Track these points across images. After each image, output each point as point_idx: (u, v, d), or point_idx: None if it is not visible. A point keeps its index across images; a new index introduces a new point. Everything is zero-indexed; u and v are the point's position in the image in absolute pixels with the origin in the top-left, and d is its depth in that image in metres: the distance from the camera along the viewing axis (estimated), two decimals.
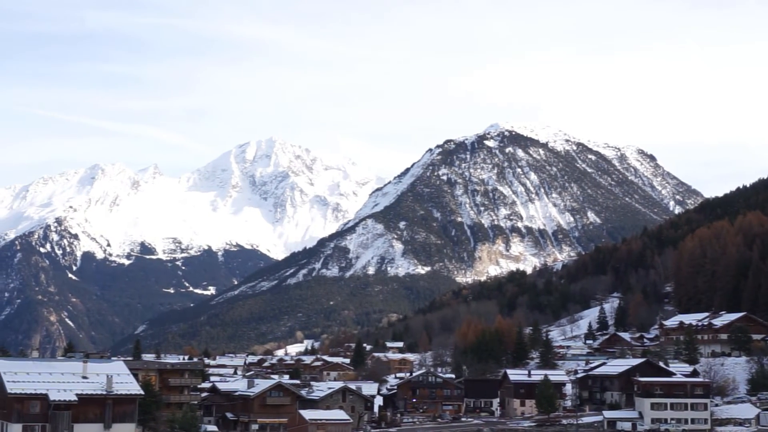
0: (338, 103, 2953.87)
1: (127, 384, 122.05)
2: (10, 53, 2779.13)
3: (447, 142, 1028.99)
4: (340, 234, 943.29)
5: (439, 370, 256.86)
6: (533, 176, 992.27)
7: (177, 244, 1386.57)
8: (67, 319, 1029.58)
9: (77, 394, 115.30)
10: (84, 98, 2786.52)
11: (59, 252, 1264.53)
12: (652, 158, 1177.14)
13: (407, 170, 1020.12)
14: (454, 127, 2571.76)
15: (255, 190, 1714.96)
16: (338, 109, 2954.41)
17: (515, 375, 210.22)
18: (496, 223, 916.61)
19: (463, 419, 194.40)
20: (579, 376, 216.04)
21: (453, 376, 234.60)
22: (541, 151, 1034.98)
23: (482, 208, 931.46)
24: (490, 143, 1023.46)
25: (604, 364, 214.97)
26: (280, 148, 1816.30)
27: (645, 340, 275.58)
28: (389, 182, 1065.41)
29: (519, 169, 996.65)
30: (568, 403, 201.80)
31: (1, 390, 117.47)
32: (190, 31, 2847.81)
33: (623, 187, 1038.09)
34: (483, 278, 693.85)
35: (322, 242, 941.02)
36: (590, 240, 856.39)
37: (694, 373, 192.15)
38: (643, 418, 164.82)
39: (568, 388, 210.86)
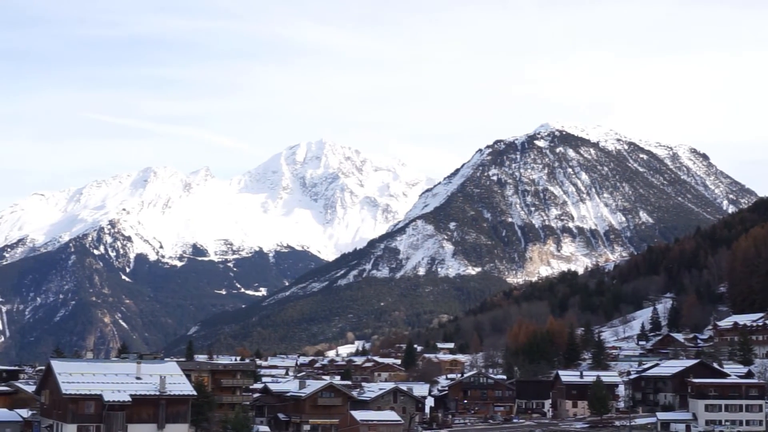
0: (388, 104, 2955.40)
1: (180, 385, 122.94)
2: (64, 58, 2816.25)
3: (497, 142, 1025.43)
4: (390, 235, 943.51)
5: (491, 371, 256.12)
6: (584, 176, 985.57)
7: (228, 246, 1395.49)
8: (120, 321, 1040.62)
9: (131, 395, 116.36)
10: (137, 102, 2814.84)
11: (113, 254, 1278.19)
12: (704, 157, 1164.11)
13: (457, 171, 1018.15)
14: (504, 127, 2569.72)
15: (305, 191, 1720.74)
16: (388, 110, 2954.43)
17: (567, 376, 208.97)
18: (546, 223, 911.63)
19: (514, 420, 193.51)
20: (632, 377, 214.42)
21: (504, 377, 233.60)
22: (592, 151, 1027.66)
23: (533, 209, 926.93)
24: (541, 143, 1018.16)
25: (657, 365, 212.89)
26: (330, 149, 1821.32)
27: (698, 341, 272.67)
28: (439, 183, 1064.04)
29: (570, 169, 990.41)
30: (621, 405, 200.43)
31: (56, 391, 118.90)
32: (240, 33, 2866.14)
33: (676, 186, 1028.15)
34: (534, 279, 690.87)
35: (373, 243, 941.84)
36: (642, 240, 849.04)
37: (749, 375, 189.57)
38: (697, 420, 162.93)
39: (621, 390, 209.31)
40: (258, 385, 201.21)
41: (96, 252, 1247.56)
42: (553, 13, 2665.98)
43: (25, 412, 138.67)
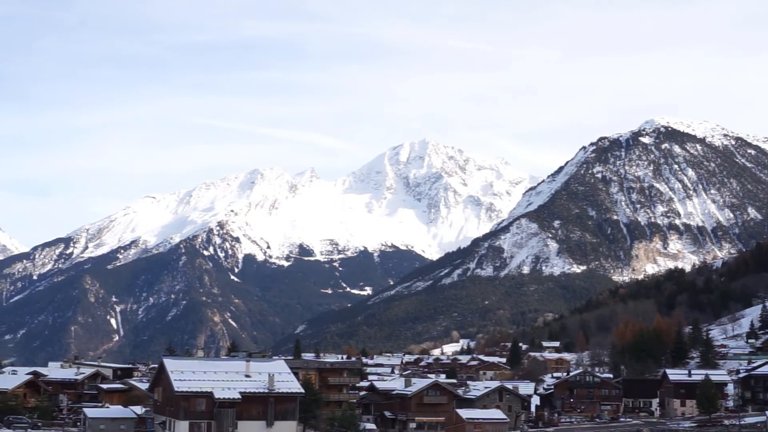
0: (490, 102, 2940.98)
1: (288, 382, 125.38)
2: (171, 64, 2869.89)
3: (601, 139, 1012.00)
4: (494, 234, 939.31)
5: (597, 369, 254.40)
6: (690, 172, 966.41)
7: (334, 246, 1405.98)
8: (230, 320, 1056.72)
9: (241, 392, 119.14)
10: (242, 105, 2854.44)
11: (221, 255, 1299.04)
12: None
13: (561, 168, 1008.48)
14: (608, 124, 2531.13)
15: (409, 191, 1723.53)
16: (491, 109, 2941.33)
17: (675, 375, 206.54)
18: (653, 220, 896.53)
19: (621, 419, 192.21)
20: (741, 375, 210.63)
21: (611, 375, 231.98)
22: (699, 147, 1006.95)
23: (638, 206, 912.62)
24: (646, 140, 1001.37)
25: (767, 363, 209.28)
26: (433, 149, 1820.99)
27: None
28: (543, 181, 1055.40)
29: (676, 166, 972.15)
30: (730, 404, 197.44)
31: (169, 388, 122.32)
32: (341, 36, 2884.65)
33: None
34: (640, 277, 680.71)
35: (477, 242, 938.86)
36: (751, 237, 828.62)
37: None
38: None
39: (730, 388, 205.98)
40: (364, 383, 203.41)
41: (205, 253, 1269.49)
42: (658, 7, 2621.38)
43: (138, 409, 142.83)
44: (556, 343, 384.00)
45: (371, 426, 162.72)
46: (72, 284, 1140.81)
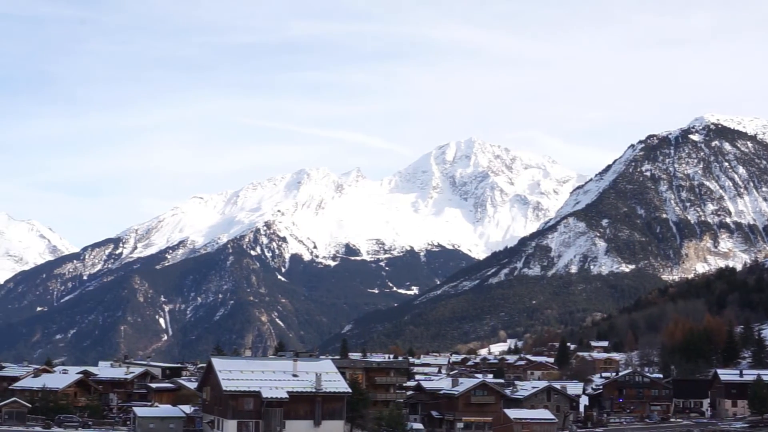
0: (536, 101, 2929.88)
1: (335, 382, 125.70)
2: (218, 65, 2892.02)
3: (650, 137, 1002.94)
4: (542, 233, 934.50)
5: (646, 369, 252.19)
6: (741, 170, 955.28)
7: (380, 245, 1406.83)
8: (277, 319, 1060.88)
9: (288, 392, 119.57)
10: (288, 106, 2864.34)
11: (269, 254, 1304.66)
12: None
13: (609, 167, 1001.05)
14: (656, 122, 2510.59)
15: (455, 190, 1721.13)
16: (537, 108, 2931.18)
17: (726, 375, 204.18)
18: (702, 219, 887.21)
19: (671, 420, 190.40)
20: None
21: (661, 375, 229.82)
22: (750, 144, 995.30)
23: (688, 204, 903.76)
24: (695, 137, 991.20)
25: None
26: (480, 148, 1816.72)
27: None
28: (590, 179, 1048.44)
29: (726, 163, 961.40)
30: None
31: (217, 387, 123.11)
32: (387, 35, 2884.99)
33: None
34: (690, 276, 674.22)
35: (524, 241, 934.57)
36: None
37: None
38: None
39: None
40: (411, 383, 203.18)
41: (253, 252, 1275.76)
42: (708, 2, 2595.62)
43: (187, 408, 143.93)
44: (605, 343, 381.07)
45: (418, 426, 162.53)
46: (121, 284, 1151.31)
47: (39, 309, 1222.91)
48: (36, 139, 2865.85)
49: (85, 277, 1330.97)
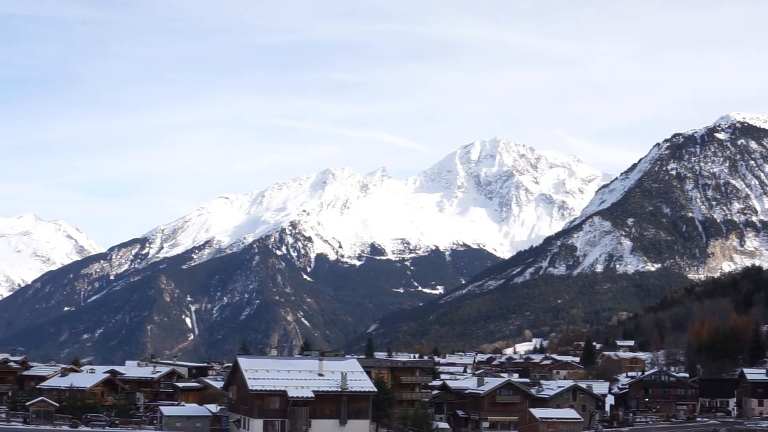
0: (561, 100, 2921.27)
1: (360, 381, 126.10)
2: (244, 66, 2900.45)
3: (675, 136, 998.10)
4: (567, 232, 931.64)
5: (672, 369, 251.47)
6: (767, 168, 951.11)
7: (405, 245, 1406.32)
8: (302, 319, 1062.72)
9: (314, 391, 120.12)
10: (314, 105, 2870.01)
11: (294, 254, 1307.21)
12: None
13: (634, 166, 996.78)
14: (682, 121, 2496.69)
15: (480, 190, 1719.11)
16: (562, 106, 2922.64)
17: (753, 374, 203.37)
18: (729, 217, 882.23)
19: (698, 419, 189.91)
20: None
21: (687, 375, 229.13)
22: None
23: (714, 203, 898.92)
24: (721, 135, 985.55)
25: None
26: (504, 147, 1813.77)
27: None
28: (616, 178, 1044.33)
29: (752, 162, 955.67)
30: None
31: (243, 387, 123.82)
32: (413, 35, 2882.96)
33: None
34: (716, 275, 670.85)
35: (549, 240, 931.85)
36: None
37: None
38: None
39: None
40: (437, 382, 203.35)
41: (278, 252, 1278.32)
42: (733, 1, 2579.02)
43: (213, 407, 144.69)
44: (631, 342, 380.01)
45: (444, 425, 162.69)
46: (148, 284, 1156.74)
47: (66, 309, 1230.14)
48: (63, 140, 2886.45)
49: (111, 277, 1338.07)
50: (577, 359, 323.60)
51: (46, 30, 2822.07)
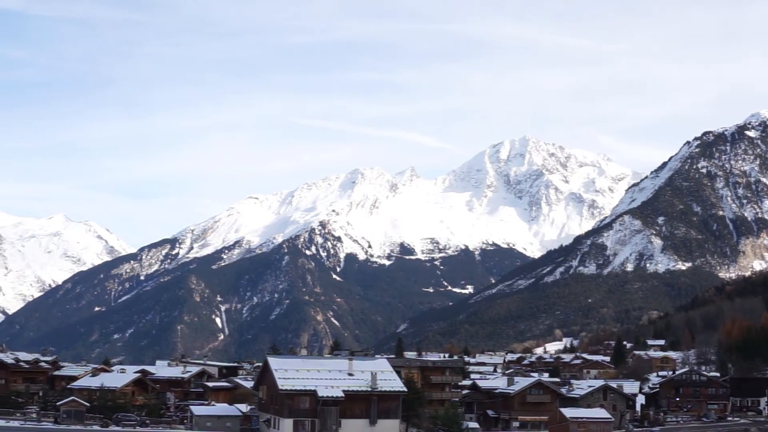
0: (590, 98, 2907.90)
1: (390, 381, 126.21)
2: (273, 66, 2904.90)
3: (705, 134, 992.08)
4: (597, 231, 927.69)
5: (703, 368, 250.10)
6: None
7: (435, 245, 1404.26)
8: (332, 319, 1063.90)
9: (344, 391, 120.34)
10: (342, 105, 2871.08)
11: (323, 254, 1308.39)
12: None
13: (664, 164, 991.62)
14: (712, 118, 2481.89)
15: (509, 189, 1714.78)
16: (591, 105, 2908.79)
17: None
18: (760, 216, 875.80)
19: (729, 419, 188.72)
20: None
21: (718, 374, 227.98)
22: None
23: (744, 201, 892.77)
24: (751, 133, 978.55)
25: None
26: (534, 146, 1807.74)
27: None
28: (646, 177, 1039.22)
29: None
30: None
31: (273, 386, 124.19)
32: (441, 34, 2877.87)
33: None
34: (747, 273, 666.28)
35: (579, 240, 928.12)
36: None
37: None
38: None
39: None
40: (466, 382, 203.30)
41: (308, 252, 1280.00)
42: None
43: (244, 407, 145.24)
44: (661, 342, 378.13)
45: (474, 424, 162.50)
46: (178, 284, 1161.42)
47: (97, 309, 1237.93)
48: (93, 141, 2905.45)
49: (142, 278, 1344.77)
50: (608, 359, 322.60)
51: (76, 31, 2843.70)
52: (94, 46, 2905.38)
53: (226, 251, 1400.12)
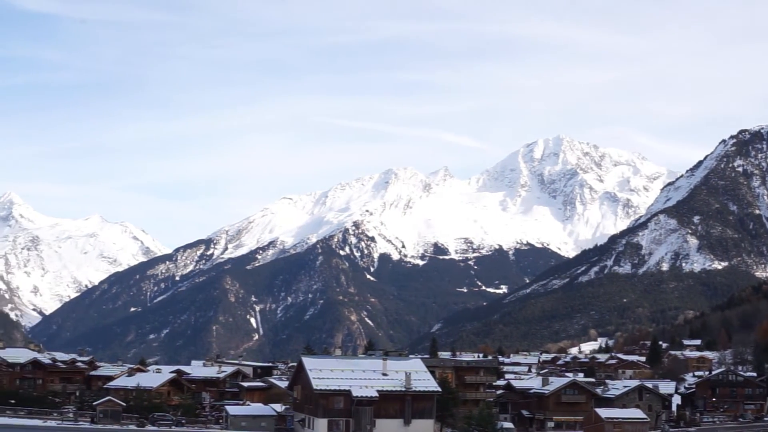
0: (625, 97, 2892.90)
1: (424, 381, 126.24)
2: (308, 67, 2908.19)
3: (741, 132, 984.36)
4: (632, 230, 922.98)
5: (740, 368, 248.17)
6: None
7: (468, 244, 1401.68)
8: (366, 319, 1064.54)
9: (378, 391, 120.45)
10: (376, 105, 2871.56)
11: (357, 254, 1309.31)
12: None
13: (700, 163, 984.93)
14: (748, 116, 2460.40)
15: (543, 188, 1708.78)
16: (626, 104, 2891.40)
17: None
18: None
19: (765, 419, 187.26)
20: None
21: (755, 374, 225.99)
22: None
23: None
24: None
25: None
26: (568, 145, 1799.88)
27: None
28: (681, 176, 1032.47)
29: None
30: None
31: (307, 386, 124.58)
32: (475, 33, 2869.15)
33: None
34: None
35: (614, 239, 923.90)
36: None
37: None
38: None
39: None
40: (501, 382, 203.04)
41: (342, 252, 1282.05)
42: None
43: (278, 407, 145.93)
44: (697, 341, 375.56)
45: (509, 425, 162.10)
46: (213, 284, 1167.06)
47: (133, 309, 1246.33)
48: (129, 142, 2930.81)
49: (177, 278, 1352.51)
50: (643, 359, 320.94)
51: (113, 34, 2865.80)
52: (130, 48, 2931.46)
53: (261, 252, 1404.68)
